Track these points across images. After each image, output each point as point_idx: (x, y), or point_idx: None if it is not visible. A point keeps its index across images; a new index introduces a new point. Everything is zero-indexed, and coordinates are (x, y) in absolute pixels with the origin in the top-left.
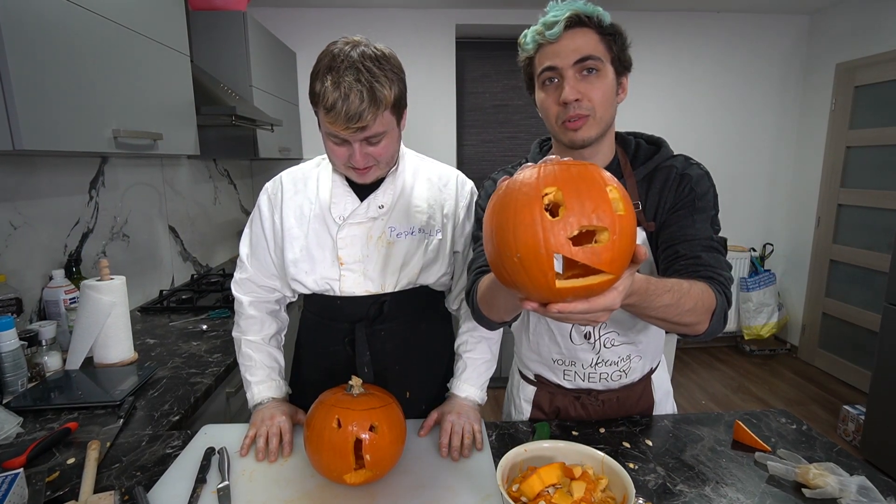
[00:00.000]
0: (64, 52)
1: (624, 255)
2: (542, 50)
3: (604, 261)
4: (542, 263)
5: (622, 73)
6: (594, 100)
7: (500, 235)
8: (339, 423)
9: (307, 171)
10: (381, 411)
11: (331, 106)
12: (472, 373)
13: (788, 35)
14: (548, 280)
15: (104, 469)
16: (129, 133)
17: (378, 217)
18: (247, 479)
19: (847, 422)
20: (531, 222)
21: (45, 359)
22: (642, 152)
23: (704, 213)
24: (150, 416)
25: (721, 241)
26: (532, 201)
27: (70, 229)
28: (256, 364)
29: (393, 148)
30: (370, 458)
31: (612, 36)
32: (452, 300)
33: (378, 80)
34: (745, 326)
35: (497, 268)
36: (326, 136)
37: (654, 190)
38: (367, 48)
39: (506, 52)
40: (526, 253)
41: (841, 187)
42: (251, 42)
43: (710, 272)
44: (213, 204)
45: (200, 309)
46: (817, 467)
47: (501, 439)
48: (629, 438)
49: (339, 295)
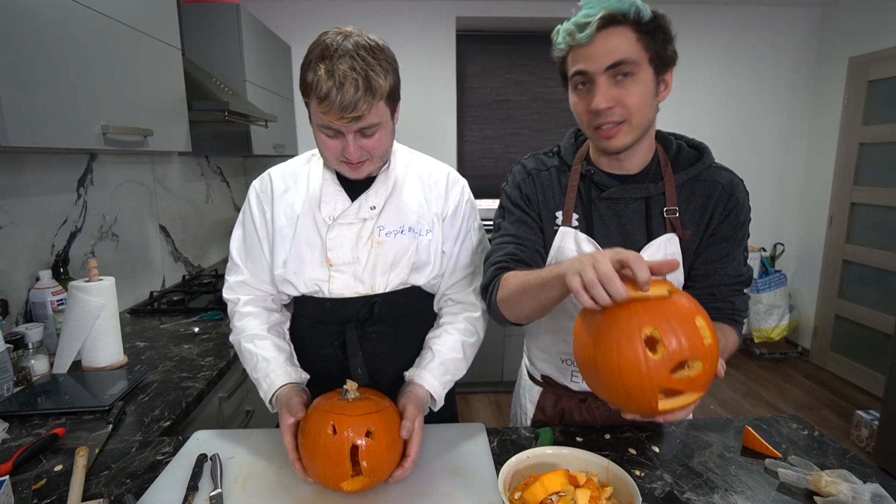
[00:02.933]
0: (50, 46)
1: (713, 375)
2: (573, 52)
3: (698, 385)
4: (647, 394)
5: (663, 71)
6: (629, 106)
7: (606, 370)
8: (335, 429)
9: (297, 168)
10: (377, 416)
11: (325, 95)
12: (439, 366)
13: (800, 28)
14: (651, 406)
15: (93, 476)
16: (119, 129)
17: (369, 218)
18: (240, 487)
19: (860, 427)
20: (636, 362)
21: (31, 362)
22: (684, 157)
23: (741, 246)
24: (141, 422)
25: (749, 279)
26: (633, 342)
27: (57, 228)
28: (261, 357)
29: (387, 142)
30: (367, 465)
31: (653, 33)
32: (436, 302)
33: (373, 69)
34: (755, 329)
35: (597, 389)
36: (318, 128)
37: (696, 201)
38: (360, 38)
39: (508, 46)
40: (632, 387)
41: (854, 185)
42: (245, 35)
43: (737, 316)
44: (205, 202)
45: (192, 311)
46: (829, 474)
47: (503, 445)
48: (635, 444)
49: (328, 297)
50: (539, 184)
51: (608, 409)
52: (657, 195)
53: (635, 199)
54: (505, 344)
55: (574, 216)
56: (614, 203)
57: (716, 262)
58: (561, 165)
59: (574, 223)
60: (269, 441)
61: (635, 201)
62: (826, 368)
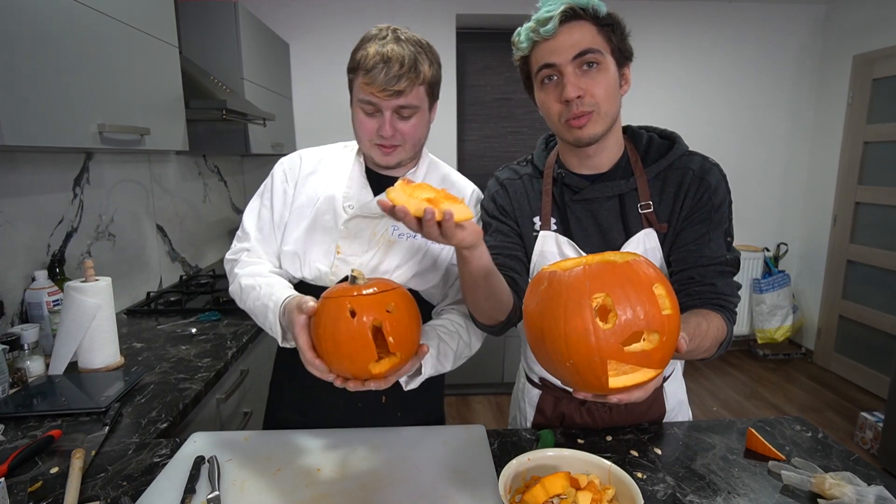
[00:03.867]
0: (46, 44)
1: (671, 350)
2: (537, 47)
3: (655, 361)
4: (595, 369)
5: (624, 64)
6: (597, 95)
7: (552, 341)
8: (353, 312)
9: (328, 154)
10: (393, 293)
11: (371, 67)
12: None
13: (804, 25)
14: (601, 382)
15: (89, 479)
16: (115, 128)
17: (386, 215)
18: (238, 490)
19: (865, 429)
20: (584, 331)
21: (27, 363)
22: (655, 148)
23: (719, 229)
24: (137, 424)
25: (734, 262)
26: (583, 308)
27: (53, 228)
28: (264, 283)
29: (421, 131)
30: (394, 341)
31: (611, 26)
32: (436, 311)
33: (420, 56)
34: (758, 330)
35: (546, 364)
36: (358, 104)
37: (669, 191)
38: (408, 32)
39: (508, 44)
40: (579, 360)
41: (858, 184)
42: (242, 32)
43: (722, 301)
44: (202, 202)
45: (189, 311)
46: (834, 477)
47: (504, 448)
48: (637, 447)
49: (326, 286)
50: (513, 193)
51: (609, 412)
52: (630, 191)
53: (608, 197)
54: (505, 346)
55: (552, 220)
56: (588, 203)
57: (690, 245)
58: (534, 172)
59: (553, 227)
60: (268, 443)
61: (609, 199)
62: (830, 370)
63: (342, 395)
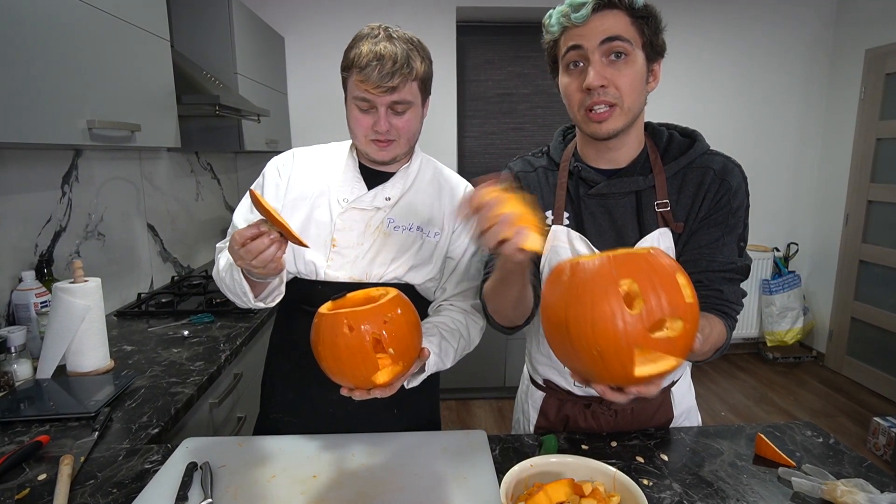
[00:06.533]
0: (33, 37)
1: (693, 340)
2: (566, 33)
3: (679, 349)
4: (622, 356)
5: (654, 60)
6: (621, 87)
7: (577, 329)
8: (350, 327)
9: (321, 151)
10: (389, 302)
11: (365, 65)
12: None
13: (815, 19)
14: (627, 371)
15: (78, 486)
16: (105, 124)
17: (382, 208)
18: (231, 497)
19: (878, 435)
20: (611, 316)
21: (14, 367)
22: (675, 146)
23: (734, 233)
24: (128, 429)
25: (744, 269)
26: (610, 294)
27: (41, 228)
28: None
29: (415, 126)
30: (394, 351)
31: (645, 18)
32: (433, 306)
33: (412, 53)
34: (767, 332)
35: (567, 354)
36: (353, 101)
37: (688, 191)
38: (399, 30)
39: (510, 38)
40: (606, 346)
41: (871, 182)
42: (236, 26)
43: (727, 308)
44: (195, 200)
45: (181, 313)
46: (846, 484)
47: (506, 453)
48: (643, 453)
49: (321, 280)
50: (526, 186)
51: (614, 416)
52: (647, 189)
53: (625, 193)
54: (507, 349)
55: (565, 214)
56: (604, 199)
57: (704, 248)
58: (549, 164)
59: (565, 221)
60: (263, 448)
61: (625, 196)
62: (842, 373)
63: (335, 392)
